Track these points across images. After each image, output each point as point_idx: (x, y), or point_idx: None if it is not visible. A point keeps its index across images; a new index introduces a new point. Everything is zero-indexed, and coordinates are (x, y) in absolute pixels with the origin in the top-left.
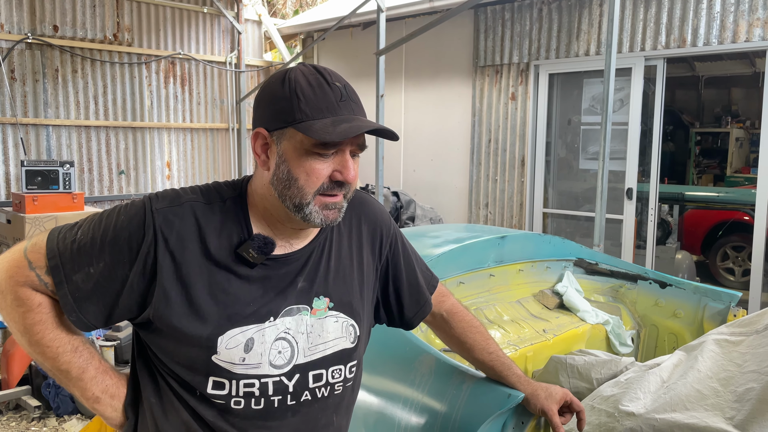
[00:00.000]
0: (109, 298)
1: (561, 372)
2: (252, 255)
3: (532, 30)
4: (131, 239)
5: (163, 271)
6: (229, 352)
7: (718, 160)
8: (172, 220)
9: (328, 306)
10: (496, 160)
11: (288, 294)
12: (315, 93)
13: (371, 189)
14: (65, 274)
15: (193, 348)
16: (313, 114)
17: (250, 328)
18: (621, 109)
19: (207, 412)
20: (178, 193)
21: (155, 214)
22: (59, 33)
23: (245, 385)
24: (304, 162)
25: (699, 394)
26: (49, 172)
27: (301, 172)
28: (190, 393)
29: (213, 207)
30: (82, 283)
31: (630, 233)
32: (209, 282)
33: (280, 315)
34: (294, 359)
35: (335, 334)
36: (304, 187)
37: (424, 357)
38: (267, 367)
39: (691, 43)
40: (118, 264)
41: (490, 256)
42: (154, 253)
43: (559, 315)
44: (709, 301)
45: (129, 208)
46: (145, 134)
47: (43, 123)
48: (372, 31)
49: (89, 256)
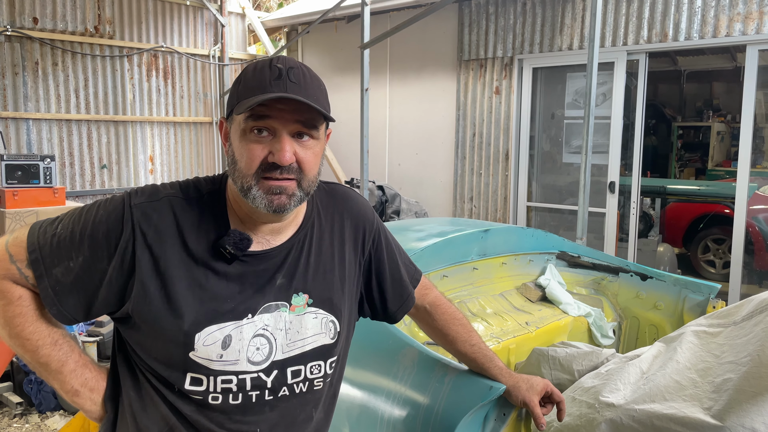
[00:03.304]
0: (88, 292)
1: (543, 364)
2: (228, 251)
3: (516, 24)
4: (109, 234)
5: (142, 266)
6: (206, 348)
7: (699, 154)
8: (150, 214)
9: (307, 302)
10: (480, 154)
11: (266, 291)
12: (254, 76)
13: (356, 183)
14: (45, 268)
15: (170, 344)
16: (246, 94)
17: (227, 325)
18: (604, 103)
19: (185, 407)
20: (157, 189)
21: (133, 209)
22: (39, 25)
23: (223, 381)
24: (243, 144)
25: (678, 384)
26: (30, 167)
27: (240, 154)
28: (168, 388)
29: (191, 202)
30: (61, 276)
31: (612, 226)
32: (187, 278)
33: (258, 312)
34: (272, 356)
35: (314, 331)
36: (243, 170)
37: (407, 350)
38: (245, 364)
39: (672, 37)
40: (97, 258)
41: (473, 250)
42: (132, 248)
43: (541, 307)
44: (689, 293)
45: (108, 204)
46: (128, 128)
47: (23, 117)
48: (356, 24)
49: (69, 250)
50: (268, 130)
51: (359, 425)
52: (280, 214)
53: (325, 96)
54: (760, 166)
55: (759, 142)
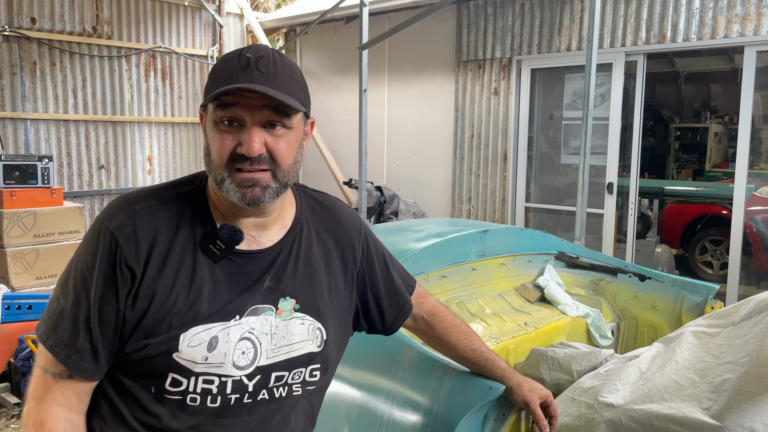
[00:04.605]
0: (112, 333)
1: (542, 364)
2: (219, 246)
3: (515, 25)
4: (106, 275)
5: (130, 282)
6: (191, 350)
7: (697, 155)
8: (129, 232)
9: (294, 307)
10: (478, 154)
11: (254, 292)
12: (224, 66)
13: (354, 183)
14: (67, 346)
15: (153, 347)
16: (215, 85)
17: (215, 326)
18: (602, 104)
19: (160, 411)
20: (129, 203)
21: (113, 235)
22: (37, 25)
23: (204, 382)
24: (215, 135)
25: (677, 385)
26: (28, 167)
27: (212, 145)
28: (144, 391)
29: (169, 205)
30: (86, 343)
31: (610, 227)
32: (173, 280)
33: (245, 314)
34: (257, 360)
35: (300, 337)
36: (215, 161)
37: (406, 350)
38: (230, 368)
39: (670, 38)
40: (107, 300)
41: (472, 250)
42: (121, 270)
43: (540, 308)
44: (687, 293)
45: (88, 246)
46: (126, 128)
47: (21, 117)
48: (355, 25)
49: (81, 314)
50: (237, 121)
51: (359, 426)
52: (255, 207)
53: (299, 84)
54: (757, 167)
55: (757, 143)
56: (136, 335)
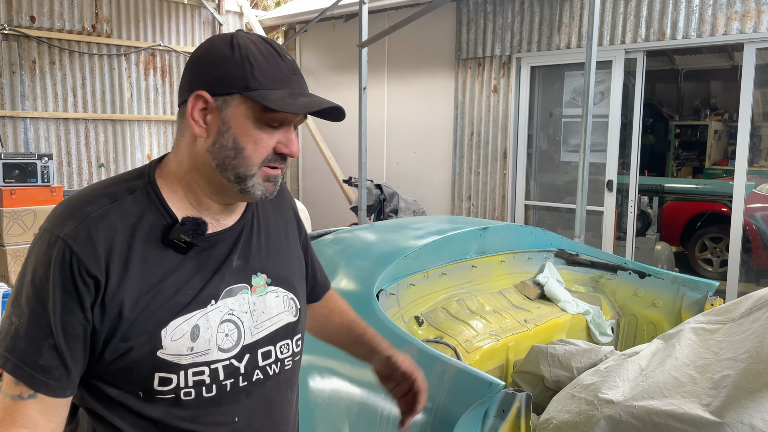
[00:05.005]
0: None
1: (542, 361)
2: (184, 240)
3: (514, 23)
4: (64, 286)
5: (93, 291)
6: (175, 344)
7: (697, 153)
8: (84, 238)
9: (266, 282)
10: (478, 152)
11: (225, 274)
12: (269, 63)
13: (354, 181)
14: (30, 366)
15: (134, 351)
16: (267, 83)
17: (193, 315)
18: (602, 101)
19: (154, 412)
20: (76, 207)
21: (66, 244)
22: (36, 24)
23: (194, 374)
24: (252, 131)
25: (676, 381)
26: (27, 165)
27: (248, 141)
28: (132, 396)
29: (121, 203)
30: (51, 360)
31: (610, 225)
32: (140, 280)
33: (221, 297)
34: (242, 340)
35: (278, 309)
36: (251, 158)
37: (406, 348)
38: (216, 353)
39: (670, 36)
40: (69, 312)
41: (472, 248)
42: (82, 279)
43: (540, 305)
44: (687, 290)
45: (39, 259)
46: (125, 127)
47: (21, 115)
48: (354, 23)
49: (40, 330)
50: (278, 121)
51: (358, 423)
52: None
53: None
54: (757, 164)
55: (756, 140)
56: (114, 341)
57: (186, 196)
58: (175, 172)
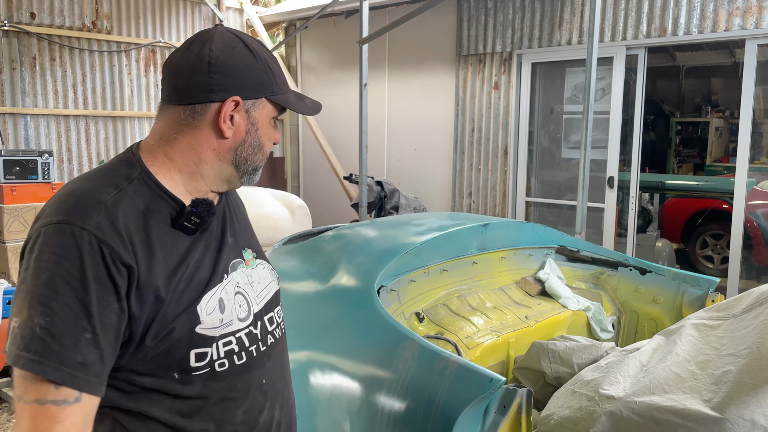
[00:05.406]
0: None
1: (543, 357)
2: (194, 221)
3: (515, 19)
4: (98, 278)
5: (126, 279)
6: (210, 317)
7: (698, 150)
8: (110, 228)
9: (253, 256)
10: (479, 149)
11: (225, 250)
12: (278, 68)
13: (355, 178)
14: (69, 366)
15: (176, 330)
16: (283, 88)
17: (216, 290)
18: (603, 98)
19: (191, 391)
20: (89, 198)
21: (93, 236)
22: (36, 20)
23: (224, 344)
24: (270, 130)
25: (677, 377)
26: (28, 162)
27: (267, 139)
28: (167, 380)
29: (126, 191)
30: (90, 355)
31: (611, 221)
32: (165, 263)
33: (229, 271)
34: (251, 309)
35: (267, 280)
36: (267, 153)
37: (407, 343)
38: (237, 323)
39: (671, 32)
40: (105, 304)
41: (473, 244)
42: (116, 266)
43: (541, 301)
44: (688, 287)
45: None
46: (126, 123)
47: (21, 112)
48: (355, 19)
49: (76, 325)
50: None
51: (359, 419)
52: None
53: None
54: (758, 161)
55: (757, 137)
56: (156, 325)
57: (183, 183)
58: (174, 162)
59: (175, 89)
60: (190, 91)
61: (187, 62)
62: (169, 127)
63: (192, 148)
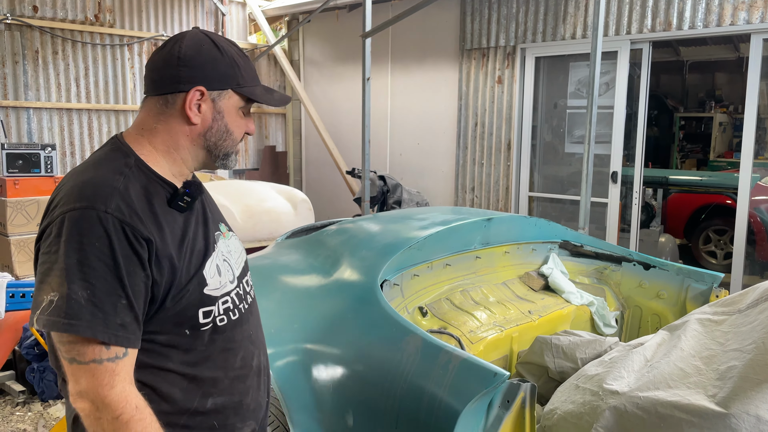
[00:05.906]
0: (143, 302)
1: (546, 352)
2: (186, 201)
3: (519, 13)
4: (125, 253)
5: (147, 251)
6: (213, 280)
7: (701, 145)
8: (129, 210)
9: (227, 229)
10: (482, 143)
11: (209, 224)
12: (246, 63)
13: (357, 172)
14: (113, 328)
15: (190, 292)
16: (251, 81)
17: (213, 257)
18: (606, 92)
19: (199, 344)
20: (103, 184)
21: (116, 219)
22: (39, 13)
23: (223, 303)
24: (237, 119)
25: (682, 372)
26: (31, 156)
27: (236, 127)
28: (180, 336)
29: (129, 178)
30: (127, 317)
31: (614, 217)
32: (172, 237)
33: (216, 241)
34: (234, 273)
35: (239, 250)
36: (236, 139)
37: (410, 338)
38: (228, 285)
39: (676, 26)
40: (133, 274)
41: (476, 239)
42: (137, 242)
43: (544, 296)
44: (691, 282)
45: (92, 233)
46: (128, 117)
47: (24, 105)
48: (358, 13)
49: (113, 293)
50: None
51: (363, 412)
52: None
53: None
54: (762, 157)
55: (762, 133)
56: (174, 288)
57: (169, 167)
58: (158, 150)
59: (152, 81)
60: (162, 82)
61: (161, 58)
62: (149, 116)
63: (169, 135)
